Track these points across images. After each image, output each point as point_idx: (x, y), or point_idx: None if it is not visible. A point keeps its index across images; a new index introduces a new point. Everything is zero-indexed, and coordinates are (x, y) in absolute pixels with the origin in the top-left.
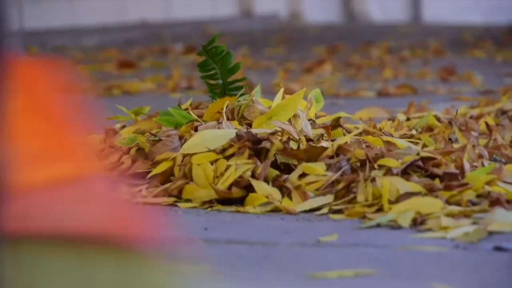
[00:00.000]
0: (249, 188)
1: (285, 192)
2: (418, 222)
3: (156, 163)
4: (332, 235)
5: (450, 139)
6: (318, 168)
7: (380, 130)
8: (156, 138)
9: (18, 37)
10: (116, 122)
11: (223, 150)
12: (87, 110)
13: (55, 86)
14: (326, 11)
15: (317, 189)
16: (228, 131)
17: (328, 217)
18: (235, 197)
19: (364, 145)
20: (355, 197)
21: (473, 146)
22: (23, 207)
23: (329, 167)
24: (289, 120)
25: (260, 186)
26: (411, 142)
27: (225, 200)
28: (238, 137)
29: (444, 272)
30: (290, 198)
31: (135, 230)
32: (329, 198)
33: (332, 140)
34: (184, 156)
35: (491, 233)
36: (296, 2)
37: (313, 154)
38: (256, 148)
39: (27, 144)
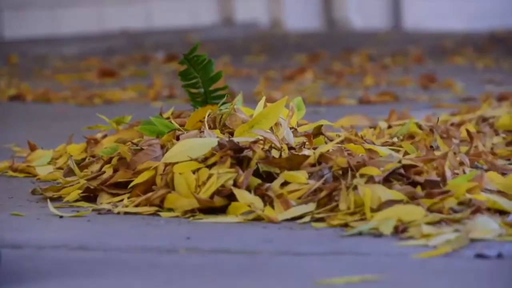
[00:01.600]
0: (231, 197)
1: (267, 200)
2: (400, 230)
3: (137, 173)
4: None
5: (431, 146)
6: (300, 176)
7: (362, 138)
8: (138, 148)
9: None
10: (98, 132)
11: (205, 159)
12: None
13: None
14: (307, 19)
15: (299, 198)
16: (210, 140)
17: (311, 225)
18: (217, 206)
19: (346, 153)
20: (337, 205)
21: (455, 153)
22: None
23: (311, 175)
24: (271, 129)
25: (242, 195)
26: (393, 149)
27: (207, 209)
28: (220, 145)
29: (427, 280)
30: (272, 207)
31: None
32: (311, 207)
33: (314, 148)
34: (166, 165)
35: (472, 241)
36: (276, 9)
37: (295, 162)
38: (238, 156)
39: None
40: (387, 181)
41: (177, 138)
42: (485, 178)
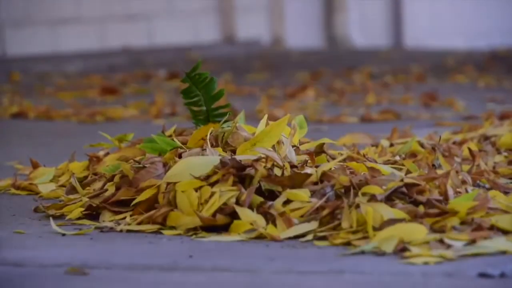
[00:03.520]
0: (234, 215)
1: (269, 219)
2: (402, 249)
3: (140, 190)
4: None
5: (433, 165)
6: (302, 194)
7: (364, 156)
8: (140, 165)
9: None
10: (100, 149)
11: (208, 177)
12: None
13: None
14: (308, 36)
15: (302, 216)
16: (211, 158)
17: (313, 244)
18: (219, 224)
19: (348, 171)
20: (339, 224)
21: (457, 172)
22: None
23: (313, 193)
24: (273, 147)
25: (245, 213)
26: (395, 168)
27: (209, 227)
28: (223, 164)
29: None
30: (275, 225)
31: None
32: (313, 225)
33: (316, 167)
34: (168, 183)
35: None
36: (278, 27)
37: (297, 180)
38: (240, 175)
39: None
40: (389, 199)
41: (179, 156)
42: (488, 197)
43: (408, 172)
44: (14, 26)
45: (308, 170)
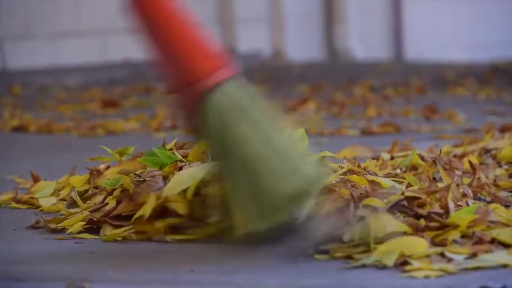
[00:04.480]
0: None
1: None
2: (403, 262)
3: (140, 204)
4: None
5: (434, 178)
6: None
7: (365, 169)
8: (141, 179)
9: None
10: (101, 163)
11: None
12: None
13: None
14: (309, 49)
15: None
16: (209, 167)
17: (314, 257)
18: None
19: (349, 185)
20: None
21: (457, 185)
22: None
23: None
24: None
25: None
26: (396, 181)
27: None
28: None
29: None
30: None
31: None
32: None
33: None
34: None
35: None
36: (279, 40)
37: None
38: None
39: None
40: (390, 213)
41: (180, 170)
42: (490, 210)
43: (408, 185)
44: (15, 40)
45: None
